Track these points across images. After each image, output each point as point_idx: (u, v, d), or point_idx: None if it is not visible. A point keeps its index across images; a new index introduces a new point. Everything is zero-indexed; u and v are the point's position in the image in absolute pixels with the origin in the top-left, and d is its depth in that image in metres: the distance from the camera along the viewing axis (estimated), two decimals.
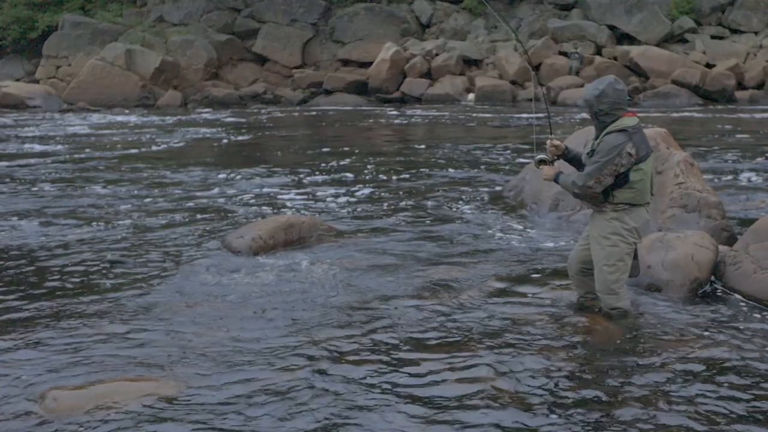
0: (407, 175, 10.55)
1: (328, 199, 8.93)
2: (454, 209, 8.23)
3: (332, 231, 7.05)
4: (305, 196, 9.15)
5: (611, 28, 27.01)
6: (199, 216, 8.02)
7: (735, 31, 27.13)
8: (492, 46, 27.19)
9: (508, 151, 13.08)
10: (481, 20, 29.32)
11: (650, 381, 3.75)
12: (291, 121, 20.99)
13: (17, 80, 28.94)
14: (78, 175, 11.07)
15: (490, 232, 7.14)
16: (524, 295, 5.17)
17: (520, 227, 7.31)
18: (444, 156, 12.66)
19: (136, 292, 5.31)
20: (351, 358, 4.07)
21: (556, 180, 4.70)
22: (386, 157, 12.68)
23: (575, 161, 4.80)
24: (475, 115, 20.98)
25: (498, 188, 9.35)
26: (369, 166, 11.52)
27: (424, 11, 29.42)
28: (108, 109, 24.51)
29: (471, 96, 25.32)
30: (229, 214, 8.09)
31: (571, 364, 4.01)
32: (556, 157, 4.78)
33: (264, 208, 8.49)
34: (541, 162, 4.78)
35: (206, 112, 23.40)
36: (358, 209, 8.34)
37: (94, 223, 7.65)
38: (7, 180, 10.61)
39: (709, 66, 24.92)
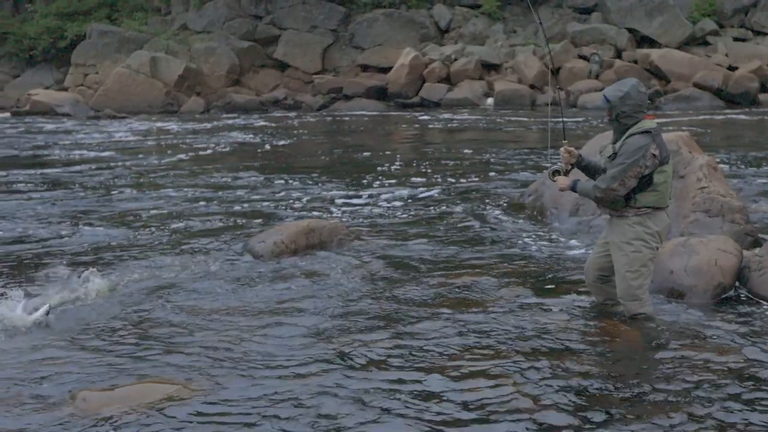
0: (427, 180, 10.61)
1: (349, 204, 9.00)
2: (474, 214, 8.24)
3: (353, 235, 7.08)
4: (327, 201, 9.25)
5: (631, 31, 26.94)
6: (223, 220, 8.15)
7: (758, 33, 26.95)
8: (511, 50, 27.23)
9: (527, 156, 13.10)
10: (500, 24, 29.37)
11: (673, 388, 3.73)
12: (313, 126, 21.15)
13: (47, 88, 29.46)
14: (110, 180, 11.31)
15: (510, 237, 7.14)
16: (545, 300, 5.14)
17: (541, 232, 7.30)
18: (463, 161, 12.71)
19: (159, 296, 5.37)
20: (373, 364, 4.09)
21: (573, 188, 4.66)
22: (406, 163, 12.75)
23: (589, 169, 4.77)
24: (494, 119, 21.00)
25: (517, 193, 9.35)
26: (388, 171, 11.60)
27: (443, 16, 29.53)
28: (134, 115, 24.83)
29: (490, 100, 25.37)
30: (253, 218, 8.20)
31: (594, 370, 3.99)
32: (570, 166, 4.74)
33: (287, 211, 8.60)
34: (556, 173, 4.75)
35: (231, 118, 23.60)
36: (379, 214, 8.40)
37: (120, 227, 7.83)
38: (53, 185, 10.90)
39: (731, 68, 24.74)
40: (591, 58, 25.59)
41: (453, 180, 10.66)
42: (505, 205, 8.77)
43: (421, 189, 9.96)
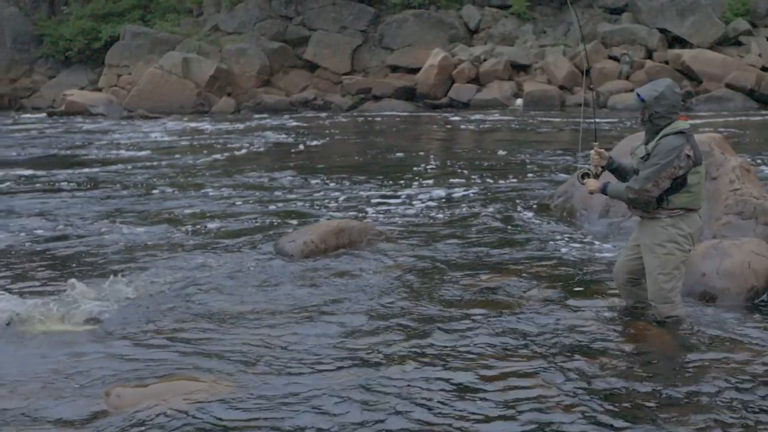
0: (457, 181, 10.66)
1: (380, 204, 9.07)
2: (504, 216, 8.25)
3: (382, 235, 7.12)
4: (358, 201, 9.33)
5: (662, 31, 26.70)
6: (256, 219, 8.25)
7: None
8: (540, 51, 27.15)
9: (557, 157, 13.09)
10: (530, 25, 29.28)
11: (705, 391, 3.71)
12: (344, 126, 21.29)
13: (81, 89, 29.93)
14: (146, 180, 11.53)
15: (539, 239, 7.13)
16: (575, 302, 5.12)
17: (570, 234, 7.29)
18: (493, 162, 12.74)
19: (190, 295, 5.45)
20: (401, 363, 4.11)
21: (603, 191, 4.63)
22: (437, 163, 12.82)
23: (620, 172, 4.74)
24: (524, 120, 20.95)
25: (547, 194, 9.32)
26: (420, 172, 11.66)
27: (473, 17, 29.53)
28: (166, 115, 25.17)
29: (519, 101, 25.33)
30: (285, 218, 8.30)
31: (625, 373, 3.97)
32: (600, 169, 4.72)
33: (319, 210, 8.70)
34: (585, 176, 4.73)
35: (262, 118, 23.82)
36: (409, 214, 8.45)
37: (156, 226, 7.98)
38: (91, 184, 11.14)
39: (765, 69, 24.40)
40: (621, 58, 25.43)
41: (482, 181, 10.70)
42: (534, 206, 8.77)
43: (451, 190, 10.02)
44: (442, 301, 5.20)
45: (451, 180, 10.80)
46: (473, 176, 11.12)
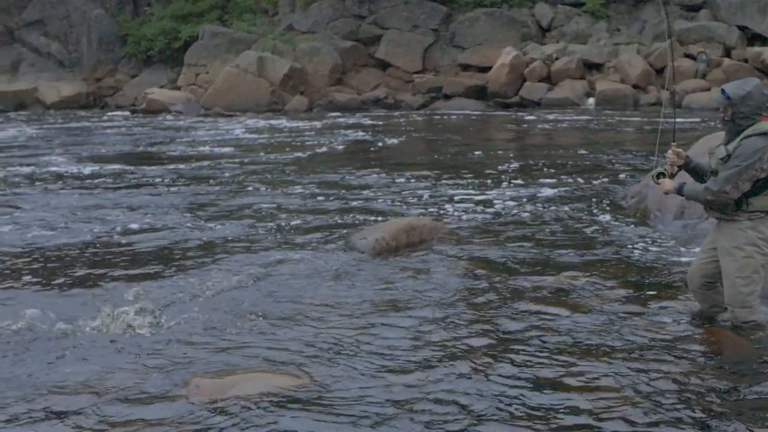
0: (530, 181, 10.64)
1: (450, 202, 9.10)
2: (576, 216, 8.17)
3: (453, 234, 7.08)
4: (432, 199, 9.41)
5: (742, 28, 25.97)
6: (332, 216, 8.37)
7: None
8: (614, 49, 26.79)
9: (630, 157, 12.94)
10: (604, 23, 28.92)
11: None
12: (419, 125, 21.41)
13: (161, 87, 31.00)
14: (229, 176, 11.84)
15: (612, 240, 7.04)
16: (648, 305, 5.03)
17: (644, 235, 7.16)
18: (565, 161, 12.68)
19: (266, 290, 5.55)
20: (470, 361, 4.12)
21: (679, 191, 4.55)
22: (507, 162, 12.83)
23: (696, 171, 4.64)
24: (595, 119, 20.71)
25: (620, 195, 9.23)
26: (490, 171, 11.67)
27: (545, 15, 29.35)
28: (241, 113, 25.78)
29: (591, 100, 25.08)
30: (360, 214, 8.41)
31: (700, 378, 3.89)
32: (676, 168, 4.63)
33: (396, 207, 8.83)
34: (660, 175, 4.63)
35: (335, 117, 24.15)
36: (481, 213, 8.44)
37: (236, 221, 8.20)
38: (177, 180, 11.54)
39: None
40: (698, 56, 24.88)
41: (556, 180, 10.66)
42: (608, 207, 8.68)
43: (525, 189, 10.01)
44: (513, 300, 5.20)
45: (526, 180, 10.80)
46: (547, 176, 11.11)
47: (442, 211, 8.62)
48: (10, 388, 3.97)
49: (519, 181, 10.65)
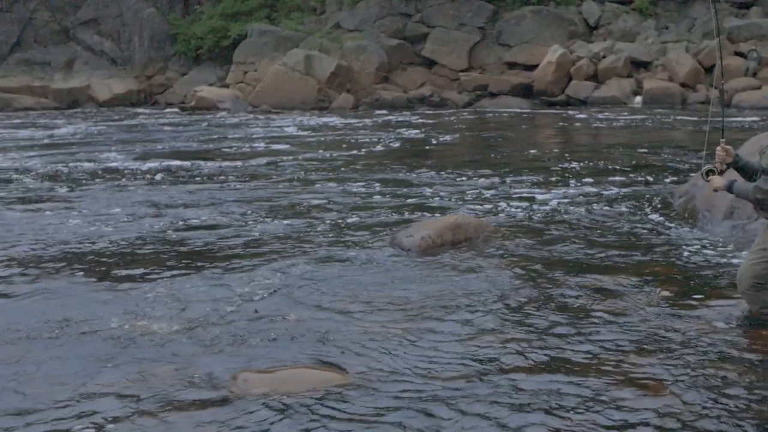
0: (578, 180, 10.63)
1: (496, 201, 9.13)
2: (623, 216, 8.13)
3: (498, 233, 7.09)
4: (481, 197, 9.48)
5: None
6: (383, 213, 8.48)
7: None
8: (662, 47, 26.54)
9: (678, 156, 12.88)
10: (652, 21, 28.63)
11: None
12: (469, 123, 21.43)
13: (210, 85, 31.63)
14: (283, 173, 12.03)
15: (659, 240, 6.99)
16: (695, 306, 4.98)
17: (692, 236, 7.11)
18: (612, 160, 12.65)
19: (314, 288, 5.60)
20: (515, 362, 4.11)
21: (729, 189, 4.54)
22: (555, 161, 12.83)
23: (746, 170, 4.62)
24: (642, 117, 20.55)
25: (668, 194, 9.17)
26: (537, 170, 11.69)
27: (593, 13, 29.19)
28: (288, 111, 26.14)
29: (638, 99, 24.90)
30: (411, 212, 8.53)
31: (749, 382, 3.83)
32: (725, 166, 4.61)
33: (445, 203, 8.96)
34: (710, 172, 4.64)
35: (382, 115, 24.28)
36: (524, 212, 8.47)
37: (290, 218, 8.32)
38: (232, 176, 11.75)
39: None
40: (748, 54, 24.50)
41: (604, 179, 10.65)
42: (655, 206, 8.64)
43: (573, 189, 10.00)
44: (559, 300, 5.17)
45: (574, 179, 10.80)
46: (596, 174, 11.10)
47: (492, 209, 8.69)
48: (57, 382, 4.01)
49: (568, 181, 10.66)
